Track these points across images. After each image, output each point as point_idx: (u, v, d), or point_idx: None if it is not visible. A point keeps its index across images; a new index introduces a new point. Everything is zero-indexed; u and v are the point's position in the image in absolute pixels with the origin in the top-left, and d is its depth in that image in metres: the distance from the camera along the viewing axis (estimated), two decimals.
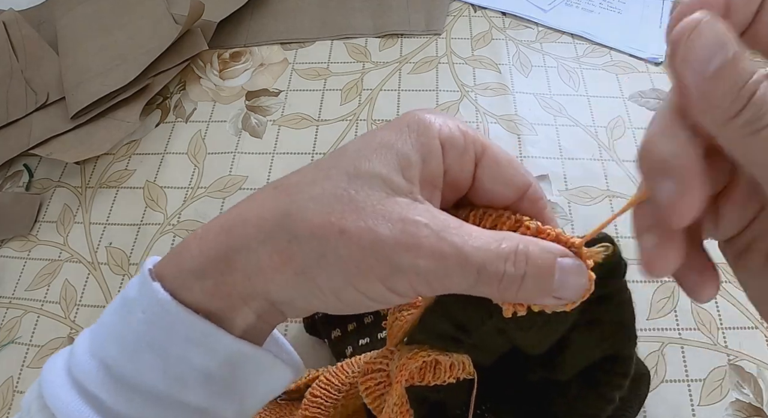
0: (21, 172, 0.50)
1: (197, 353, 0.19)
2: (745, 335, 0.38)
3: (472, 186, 0.22)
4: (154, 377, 0.19)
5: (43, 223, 0.46)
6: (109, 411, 0.19)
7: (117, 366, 0.19)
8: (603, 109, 0.50)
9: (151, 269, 0.20)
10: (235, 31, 0.58)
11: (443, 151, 0.20)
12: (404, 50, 0.55)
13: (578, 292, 0.19)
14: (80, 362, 0.19)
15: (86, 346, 0.20)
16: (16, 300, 0.42)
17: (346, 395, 0.30)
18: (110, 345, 0.19)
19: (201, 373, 0.19)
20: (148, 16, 0.57)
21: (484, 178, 0.21)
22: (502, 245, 0.18)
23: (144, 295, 0.19)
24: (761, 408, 0.35)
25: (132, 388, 0.19)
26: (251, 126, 0.50)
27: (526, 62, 0.53)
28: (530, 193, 0.22)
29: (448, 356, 0.23)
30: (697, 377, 0.36)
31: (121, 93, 0.50)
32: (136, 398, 0.19)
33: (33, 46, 0.57)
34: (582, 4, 0.59)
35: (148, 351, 0.19)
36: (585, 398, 0.26)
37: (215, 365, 0.19)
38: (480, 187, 0.22)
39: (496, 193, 0.22)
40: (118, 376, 0.19)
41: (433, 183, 0.21)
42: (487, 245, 0.18)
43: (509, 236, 0.19)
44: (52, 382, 0.19)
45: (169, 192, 0.47)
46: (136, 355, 0.19)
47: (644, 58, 0.54)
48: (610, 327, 0.24)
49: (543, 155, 0.47)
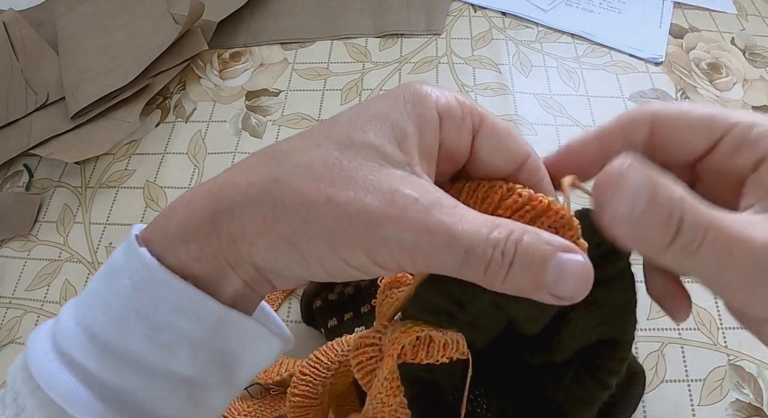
0: (21, 172, 0.50)
1: (185, 321, 0.19)
2: (745, 335, 0.38)
3: (470, 158, 0.21)
4: (142, 345, 0.19)
5: (43, 223, 0.46)
6: (94, 380, 0.18)
7: (103, 334, 0.19)
8: (603, 109, 0.50)
9: (137, 234, 0.20)
10: (235, 31, 0.58)
11: (440, 123, 0.20)
12: (404, 50, 0.55)
13: (581, 292, 0.18)
14: (65, 330, 0.19)
15: (71, 314, 0.19)
16: (16, 300, 0.42)
17: (336, 373, 0.30)
18: (96, 313, 0.19)
19: (188, 341, 0.19)
20: (148, 16, 0.57)
21: (482, 149, 0.21)
22: (495, 231, 0.18)
23: (131, 260, 0.19)
24: (761, 408, 0.35)
25: (118, 356, 0.19)
26: (251, 126, 0.50)
27: (526, 62, 0.53)
28: (529, 163, 0.21)
29: (442, 332, 0.22)
30: (697, 377, 0.36)
31: (121, 93, 0.50)
32: (123, 367, 0.19)
33: (33, 46, 0.57)
34: (582, 4, 0.59)
35: (135, 319, 0.19)
36: (581, 382, 0.25)
37: (203, 333, 0.19)
38: (478, 159, 0.21)
39: (495, 164, 0.21)
40: (104, 344, 0.19)
41: (429, 155, 0.20)
42: (479, 228, 0.18)
43: (505, 223, 0.18)
44: (37, 352, 0.19)
45: (169, 192, 0.47)
46: (123, 323, 0.19)
47: (644, 58, 0.54)
48: (610, 310, 0.24)
49: (543, 155, 0.47)
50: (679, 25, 0.57)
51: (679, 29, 0.57)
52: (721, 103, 0.50)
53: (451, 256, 0.18)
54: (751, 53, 0.54)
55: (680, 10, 0.59)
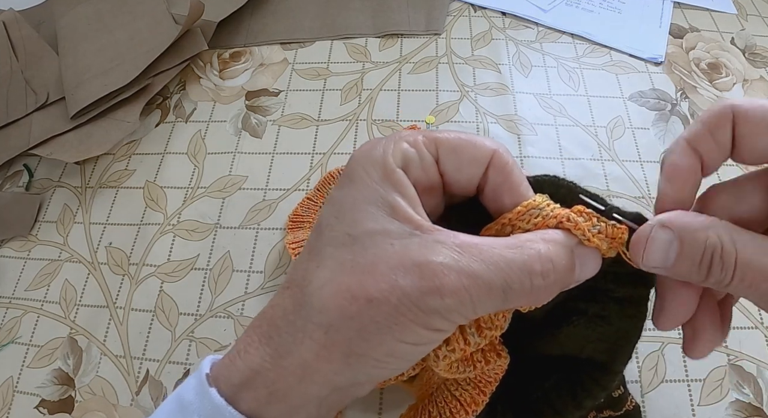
0: (21, 172, 0.50)
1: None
2: (745, 335, 0.38)
3: (444, 182, 0.22)
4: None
5: (43, 223, 0.46)
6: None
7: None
8: (603, 109, 0.50)
9: (208, 373, 0.21)
10: (235, 31, 0.58)
11: (407, 174, 0.21)
12: (404, 50, 0.55)
13: (596, 269, 0.21)
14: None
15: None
16: (16, 300, 0.42)
17: None
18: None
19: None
20: (148, 16, 0.57)
21: (448, 169, 0.22)
22: (523, 257, 0.19)
23: (201, 399, 0.20)
24: (761, 408, 0.35)
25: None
26: (251, 126, 0.50)
27: (526, 62, 0.53)
28: (494, 160, 0.22)
29: None
30: (697, 377, 0.36)
31: (121, 93, 0.50)
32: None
33: (33, 46, 0.57)
34: (582, 4, 0.59)
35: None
36: (558, 392, 0.25)
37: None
38: (448, 178, 0.22)
39: (465, 177, 0.22)
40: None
41: (417, 202, 0.21)
42: (506, 262, 0.19)
43: (523, 244, 0.20)
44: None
45: (169, 192, 0.47)
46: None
47: (644, 58, 0.54)
48: (613, 331, 0.24)
49: (543, 155, 0.47)
50: (679, 25, 0.57)
51: (679, 29, 0.57)
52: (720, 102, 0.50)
53: (493, 299, 0.19)
54: (751, 53, 0.54)
55: (680, 10, 0.59)
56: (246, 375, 0.20)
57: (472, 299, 0.18)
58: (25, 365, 0.39)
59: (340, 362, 0.19)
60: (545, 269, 0.19)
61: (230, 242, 0.43)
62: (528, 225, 0.21)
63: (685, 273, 0.20)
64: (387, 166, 0.21)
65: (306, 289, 0.20)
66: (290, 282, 0.21)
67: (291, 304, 0.20)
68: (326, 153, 0.48)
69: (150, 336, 0.39)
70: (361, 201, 0.20)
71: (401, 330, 0.19)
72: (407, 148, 0.21)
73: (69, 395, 0.38)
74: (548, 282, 0.19)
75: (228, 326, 0.39)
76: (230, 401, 0.19)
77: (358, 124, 0.49)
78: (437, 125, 0.49)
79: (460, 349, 0.21)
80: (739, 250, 0.19)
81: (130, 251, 0.44)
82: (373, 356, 0.19)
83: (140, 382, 0.38)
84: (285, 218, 0.44)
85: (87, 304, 0.41)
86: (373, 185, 0.20)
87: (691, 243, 0.20)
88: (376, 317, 0.18)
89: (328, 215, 0.21)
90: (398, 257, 0.19)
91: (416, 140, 0.21)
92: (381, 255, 0.19)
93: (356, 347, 0.19)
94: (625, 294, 0.23)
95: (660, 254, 0.20)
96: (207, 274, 0.42)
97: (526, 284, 0.19)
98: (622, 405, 0.31)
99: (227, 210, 0.45)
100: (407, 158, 0.21)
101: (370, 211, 0.20)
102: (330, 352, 0.19)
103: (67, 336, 0.40)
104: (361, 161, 0.21)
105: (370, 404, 0.36)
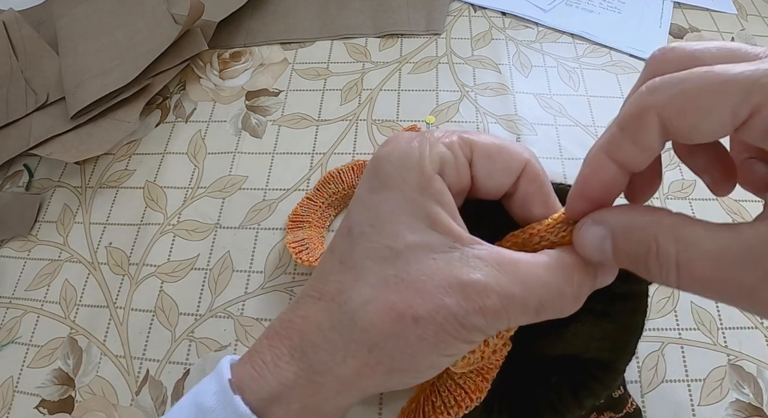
0: (21, 172, 0.50)
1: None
2: (745, 335, 0.38)
3: (472, 185, 0.22)
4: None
5: (43, 223, 0.46)
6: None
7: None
8: (603, 109, 0.50)
9: (230, 379, 0.20)
10: (235, 31, 0.58)
11: (443, 178, 0.20)
12: (404, 50, 0.55)
13: (613, 277, 0.21)
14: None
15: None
16: (16, 300, 0.42)
17: None
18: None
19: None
20: (148, 16, 0.57)
21: (480, 173, 0.21)
22: (558, 280, 0.19)
23: (224, 408, 0.19)
24: (761, 408, 0.35)
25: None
26: (251, 126, 0.50)
27: (526, 62, 0.53)
28: (527, 171, 0.22)
29: None
30: (697, 377, 0.36)
31: (121, 93, 0.50)
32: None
33: (33, 46, 0.57)
34: (582, 4, 0.59)
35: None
36: (559, 392, 0.26)
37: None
38: (478, 183, 0.22)
39: (495, 183, 0.22)
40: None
41: (455, 210, 0.21)
42: (543, 285, 0.19)
43: (558, 266, 0.20)
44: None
45: (169, 192, 0.47)
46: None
47: (644, 58, 0.54)
48: (617, 328, 0.24)
49: (543, 155, 0.47)
50: (679, 25, 0.57)
51: (679, 29, 0.57)
52: None
53: (527, 316, 0.19)
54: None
55: (680, 10, 0.59)
56: (277, 391, 0.19)
57: (509, 317, 0.19)
58: (25, 365, 0.39)
59: (381, 376, 0.19)
60: (576, 292, 0.20)
61: (230, 242, 0.43)
62: (556, 238, 0.21)
63: (630, 269, 0.19)
64: (425, 173, 0.20)
65: (345, 305, 0.19)
66: (321, 293, 0.20)
67: (327, 319, 0.20)
68: (326, 153, 0.48)
69: (150, 336, 0.39)
70: (399, 211, 0.20)
71: (444, 345, 0.19)
72: (444, 151, 0.20)
73: (69, 395, 0.38)
74: (578, 303, 0.20)
75: (228, 326, 0.39)
76: (258, 414, 0.19)
77: (358, 124, 0.49)
78: (437, 125, 0.49)
79: (481, 350, 0.22)
80: (680, 252, 0.17)
81: (130, 251, 0.44)
82: (415, 369, 0.19)
83: (140, 382, 0.38)
84: (285, 217, 0.44)
85: (87, 304, 0.41)
86: (411, 194, 0.20)
87: (624, 241, 0.18)
88: (423, 335, 0.18)
89: (361, 221, 0.20)
90: (442, 275, 0.19)
91: (452, 142, 0.21)
92: (425, 271, 0.19)
93: (399, 363, 0.19)
94: (627, 289, 0.23)
95: (595, 250, 0.19)
96: (207, 274, 0.42)
97: (557, 304, 0.20)
98: (622, 406, 0.31)
99: (227, 210, 0.45)
100: (444, 162, 0.20)
101: (409, 222, 0.19)
102: (373, 370, 0.19)
103: (67, 336, 0.40)
104: (396, 164, 0.20)
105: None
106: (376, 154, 0.21)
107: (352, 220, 0.21)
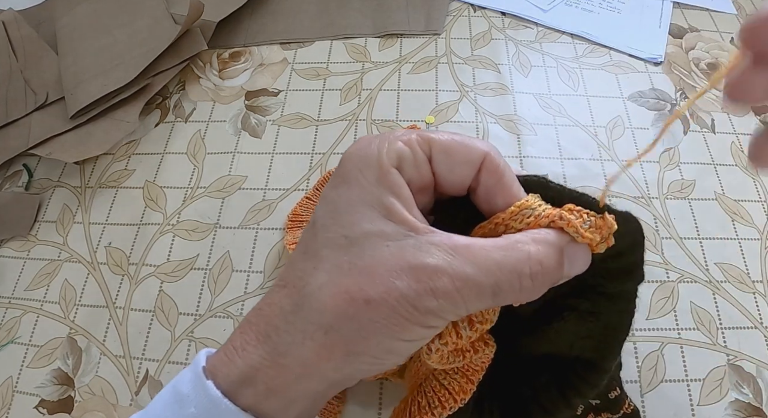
0: (20, 172, 0.50)
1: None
2: (744, 335, 0.38)
3: (435, 181, 0.23)
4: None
5: (43, 223, 0.46)
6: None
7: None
8: (602, 109, 0.50)
9: (204, 366, 0.21)
10: (234, 31, 0.58)
11: (401, 173, 0.21)
12: (404, 50, 0.55)
13: (585, 266, 0.21)
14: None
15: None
16: (16, 300, 0.42)
17: None
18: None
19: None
20: (147, 16, 0.57)
21: (440, 169, 0.22)
22: (513, 259, 0.20)
23: (197, 392, 0.20)
24: (761, 408, 0.35)
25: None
26: (251, 126, 0.50)
27: (526, 62, 0.53)
28: (486, 163, 0.22)
29: None
30: (696, 377, 0.36)
31: (120, 93, 0.50)
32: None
33: (32, 46, 0.57)
34: (582, 4, 0.59)
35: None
36: (548, 391, 0.26)
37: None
38: (440, 178, 0.22)
39: (456, 177, 0.22)
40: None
41: (411, 203, 0.21)
42: (497, 265, 0.19)
43: (514, 246, 0.20)
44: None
45: (168, 192, 0.47)
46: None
47: (644, 58, 0.54)
48: (602, 327, 0.24)
49: (542, 155, 0.47)
50: (678, 25, 0.57)
51: (679, 29, 0.57)
52: (720, 102, 0.50)
53: (484, 299, 0.20)
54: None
55: (680, 10, 0.59)
56: (245, 373, 0.20)
57: (464, 299, 0.19)
58: (25, 365, 0.39)
59: (340, 360, 0.20)
60: (534, 271, 0.20)
61: (230, 241, 0.43)
62: (521, 225, 0.21)
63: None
64: (382, 166, 0.21)
65: (304, 290, 0.20)
66: (286, 281, 0.21)
67: (289, 304, 0.21)
68: (326, 153, 0.48)
69: (149, 336, 0.39)
70: (356, 202, 0.20)
71: (399, 329, 0.19)
72: (402, 147, 0.21)
73: (68, 395, 0.38)
74: (537, 284, 0.20)
75: (228, 326, 0.39)
76: (229, 396, 0.20)
77: (358, 124, 0.49)
78: (437, 125, 0.49)
79: (453, 342, 0.22)
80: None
81: (129, 251, 0.44)
82: (371, 354, 0.20)
83: (140, 382, 0.38)
84: (284, 217, 0.44)
85: (86, 304, 0.41)
86: (369, 187, 0.21)
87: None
88: (374, 318, 0.19)
89: (323, 214, 0.21)
90: (394, 259, 0.19)
91: (410, 139, 0.22)
92: (378, 257, 0.19)
93: (355, 346, 0.19)
94: (615, 290, 0.23)
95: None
96: (206, 274, 0.42)
97: (515, 286, 0.20)
98: (619, 407, 0.31)
99: (227, 210, 0.45)
100: (402, 157, 0.21)
101: (365, 212, 0.20)
102: (330, 351, 0.19)
103: (67, 336, 0.40)
104: (356, 161, 0.21)
105: (370, 400, 0.36)
106: (342, 155, 0.22)
107: (316, 214, 0.22)
